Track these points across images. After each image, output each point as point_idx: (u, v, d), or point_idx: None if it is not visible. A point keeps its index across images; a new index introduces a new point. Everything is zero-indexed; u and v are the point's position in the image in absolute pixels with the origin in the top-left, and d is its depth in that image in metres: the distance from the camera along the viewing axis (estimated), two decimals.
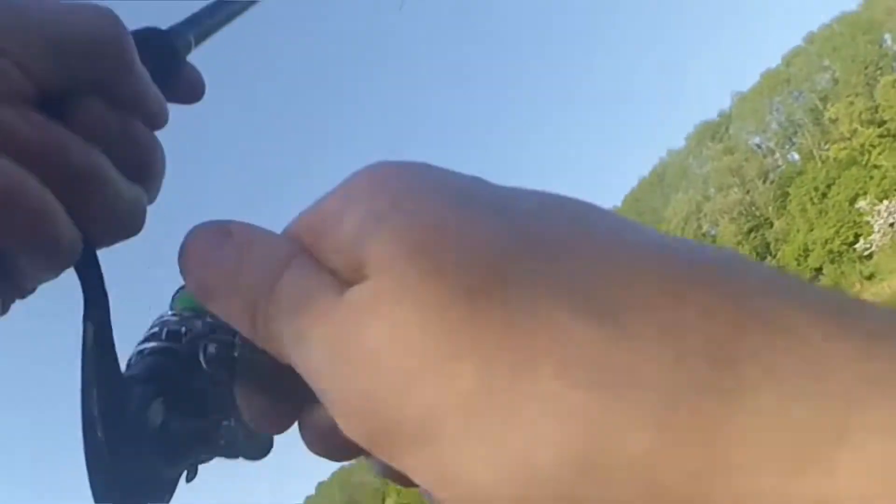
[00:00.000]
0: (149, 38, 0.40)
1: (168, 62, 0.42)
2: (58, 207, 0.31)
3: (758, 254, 66.56)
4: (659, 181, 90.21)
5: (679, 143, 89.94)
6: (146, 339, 0.44)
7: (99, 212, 0.33)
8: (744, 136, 77.53)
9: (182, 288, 0.48)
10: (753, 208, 71.33)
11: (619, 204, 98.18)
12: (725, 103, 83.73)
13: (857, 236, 56.84)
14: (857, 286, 55.04)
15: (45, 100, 0.32)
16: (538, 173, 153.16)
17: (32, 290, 0.34)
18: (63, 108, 0.32)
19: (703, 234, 76.71)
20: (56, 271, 0.34)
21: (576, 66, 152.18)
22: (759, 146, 76.77)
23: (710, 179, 77.26)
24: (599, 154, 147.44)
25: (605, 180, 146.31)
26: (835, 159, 63.29)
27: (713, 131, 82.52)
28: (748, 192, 71.98)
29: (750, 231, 69.72)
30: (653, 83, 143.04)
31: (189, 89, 0.43)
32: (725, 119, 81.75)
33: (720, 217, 72.66)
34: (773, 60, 77.37)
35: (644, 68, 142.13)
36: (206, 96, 0.43)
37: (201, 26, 0.48)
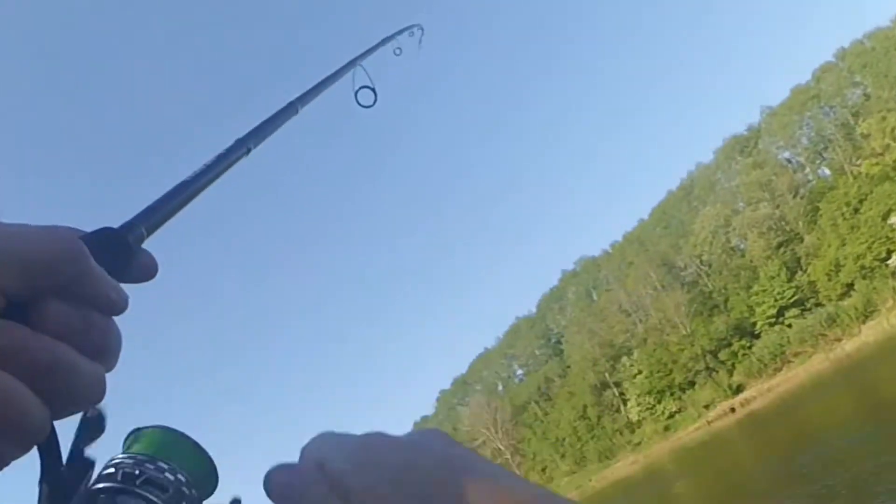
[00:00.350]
0: (102, 238, 0.50)
1: (120, 255, 0.51)
2: (27, 394, 0.38)
3: (788, 268, 66.31)
4: (687, 194, 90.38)
5: (708, 156, 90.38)
6: (101, 479, 0.49)
7: (64, 392, 0.41)
8: (773, 151, 77.40)
9: (135, 430, 0.56)
10: (783, 223, 71.11)
11: (646, 217, 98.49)
12: (754, 118, 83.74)
13: (889, 252, 56.90)
14: (890, 302, 54.98)
15: (11, 307, 0.40)
16: (569, 182, 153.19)
17: (6, 465, 0.41)
18: (28, 312, 0.41)
19: (732, 248, 76.74)
20: (28, 448, 0.41)
21: (605, 77, 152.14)
22: (788, 161, 76.70)
23: (738, 193, 77.17)
24: (628, 166, 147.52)
25: (632, 193, 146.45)
26: (867, 175, 63.18)
27: (742, 145, 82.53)
28: (778, 206, 71.74)
29: (779, 245, 69.45)
30: (681, 96, 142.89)
31: (142, 272, 0.54)
32: (755, 133, 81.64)
33: (749, 231, 72.44)
34: (803, 76, 77.65)
35: (673, 81, 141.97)
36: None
37: (152, 218, 0.59)
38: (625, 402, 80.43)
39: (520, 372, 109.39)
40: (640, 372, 77.02)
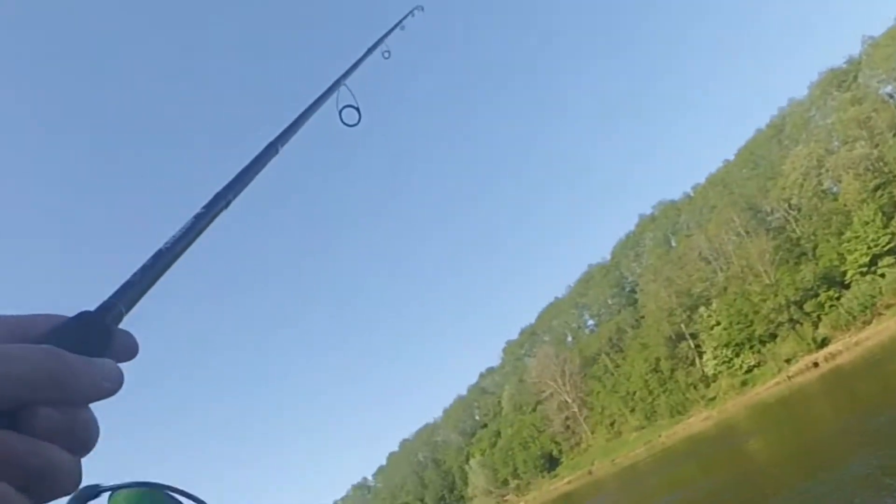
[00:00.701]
0: (80, 324, 0.55)
1: (99, 339, 0.55)
2: (10, 491, 0.45)
3: (884, 213, 64.28)
4: (777, 133, 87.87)
5: (801, 91, 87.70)
6: None
7: (46, 487, 0.48)
8: (874, 85, 74.15)
9: (119, 487, 0.61)
10: (881, 163, 68.52)
11: (732, 157, 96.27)
12: (855, 49, 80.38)
13: None
14: None
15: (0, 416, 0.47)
16: (652, 122, 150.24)
17: None
18: (14, 419, 0.47)
19: (824, 191, 74.56)
20: None
21: (701, 7, 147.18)
22: (890, 95, 73.38)
23: (834, 131, 74.53)
24: (713, 103, 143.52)
25: (718, 131, 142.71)
26: None
27: (840, 79, 79.40)
28: (877, 145, 69.08)
29: (877, 188, 67.07)
30: (775, 26, 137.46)
31: (122, 354, 0.57)
32: (854, 66, 78.34)
33: (844, 173, 70.13)
34: None
35: (767, 11, 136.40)
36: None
37: (129, 294, 0.63)
38: (700, 354, 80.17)
39: (591, 322, 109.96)
40: (718, 323, 76.40)
